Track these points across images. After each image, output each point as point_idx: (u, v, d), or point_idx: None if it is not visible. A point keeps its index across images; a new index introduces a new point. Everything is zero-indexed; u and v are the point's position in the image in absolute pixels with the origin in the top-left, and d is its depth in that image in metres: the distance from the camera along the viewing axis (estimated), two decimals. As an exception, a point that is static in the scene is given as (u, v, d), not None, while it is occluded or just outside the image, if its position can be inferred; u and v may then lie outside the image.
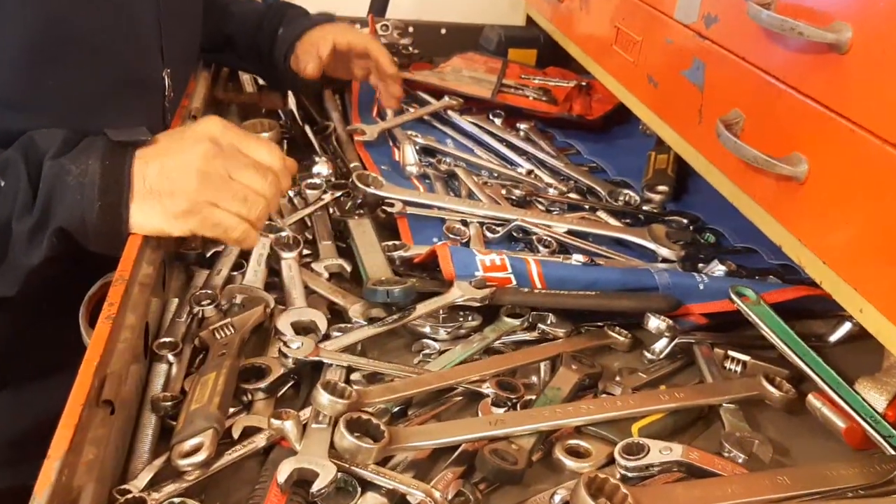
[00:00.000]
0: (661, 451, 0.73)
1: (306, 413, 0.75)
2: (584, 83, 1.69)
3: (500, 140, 1.44)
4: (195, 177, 0.81)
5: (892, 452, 0.76)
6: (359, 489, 0.69)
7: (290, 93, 1.48)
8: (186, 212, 0.82)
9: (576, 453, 0.76)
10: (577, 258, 1.02)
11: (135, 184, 0.80)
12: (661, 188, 1.30)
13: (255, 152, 0.86)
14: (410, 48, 1.81)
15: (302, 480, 0.67)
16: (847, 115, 0.76)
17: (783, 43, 0.85)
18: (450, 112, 1.51)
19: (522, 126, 1.51)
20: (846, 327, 0.97)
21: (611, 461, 0.75)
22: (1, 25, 0.81)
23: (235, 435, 0.73)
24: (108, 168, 0.80)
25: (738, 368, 0.91)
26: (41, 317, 1.01)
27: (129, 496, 0.63)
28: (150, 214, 0.81)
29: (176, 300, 0.91)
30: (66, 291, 0.99)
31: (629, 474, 0.73)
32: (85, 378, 0.64)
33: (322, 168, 1.23)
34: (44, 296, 0.98)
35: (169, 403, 0.74)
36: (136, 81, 0.98)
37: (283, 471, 0.66)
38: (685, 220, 1.22)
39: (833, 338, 0.97)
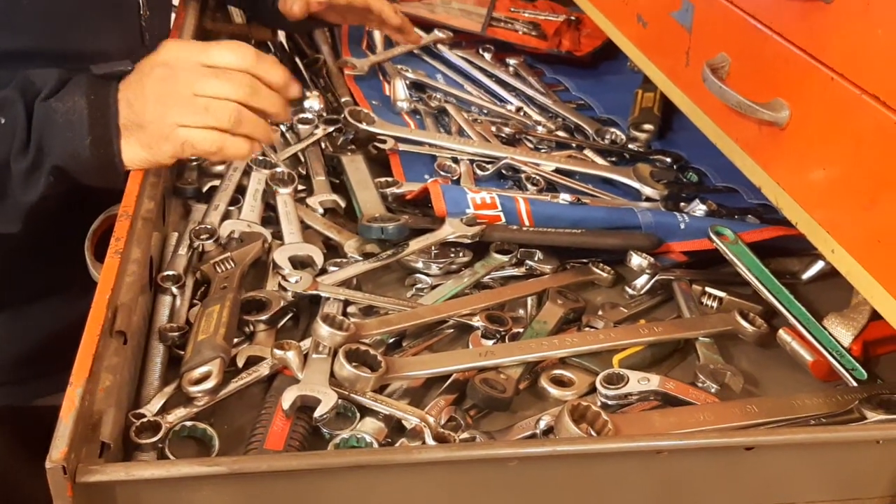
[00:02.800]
0: (640, 381, 0.78)
1: (306, 344, 0.79)
2: (573, 17, 1.70)
3: (490, 76, 1.45)
4: (153, 103, 0.82)
5: (855, 384, 0.82)
6: (357, 415, 0.73)
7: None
8: (158, 139, 0.82)
9: (560, 382, 0.81)
10: (565, 197, 1.05)
11: (120, 117, 0.82)
12: (647, 127, 1.32)
13: (218, 58, 0.83)
14: (400, -22, 1.80)
15: (305, 406, 0.72)
16: (828, 64, 0.79)
17: (770, -11, 0.87)
18: (440, 46, 1.52)
19: (512, 61, 1.52)
20: (819, 266, 1.01)
21: (592, 390, 0.80)
22: None
23: (240, 364, 0.77)
24: (94, 102, 0.81)
25: (715, 304, 0.95)
26: (40, 245, 1.03)
27: (145, 420, 0.67)
28: (133, 147, 0.83)
29: (176, 234, 0.93)
30: (65, 222, 1.02)
31: (609, 402, 0.78)
32: (99, 310, 0.67)
33: (313, 102, 1.24)
34: (44, 227, 1.01)
35: (176, 334, 0.78)
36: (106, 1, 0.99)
37: (288, 398, 0.71)
38: (669, 160, 1.25)
39: (806, 275, 1.02)
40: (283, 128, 1.20)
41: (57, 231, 1.00)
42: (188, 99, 0.81)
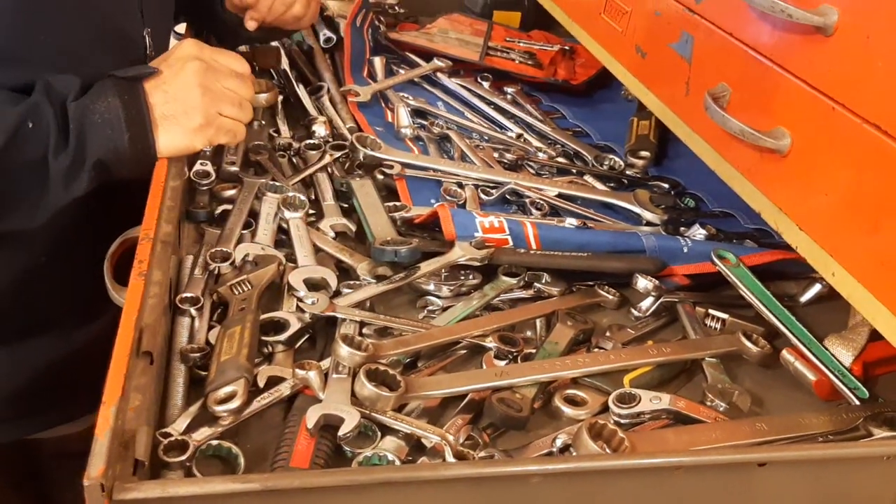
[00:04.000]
0: (651, 400, 0.80)
1: (325, 364, 0.80)
2: (567, 47, 1.74)
3: (489, 103, 1.48)
4: (198, 92, 0.93)
5: (857, 403, 0.84)
6: (378, 433, 0.75)
7: (282, 53, 1.50)
8: (203, 125, 0.93)
9: (573, 402, 0.82)
10: (571, 221, 1.08)
11: (152, 112, 0.91)
12: (644, 153, 1.36)
13: (230, 63, 0.98)
14: (397, 7, 1.84)
15: (327, 425, 0.73)
16: (829, 94, 0.82)
17: (771, 22, 0.90)
18: (439, 74, 1.55)
19: (509, 90, 1.56)
20: (816, 288, 1.04)
21: (605, 409, 0.82)
22: None
23: (261, 384, 0.78)
24: (128, 102, 0.90)
25: (718, 326, 0.98)
26: (42, 280, 1.04)
27: (172, 439, 0.68)
28: (172, 135, 0.92)
29: (190, 257, 0.95)
30: (68, 256, 1.03)
31: (622, 421, 0.80)
32: (126, 331, 0.68)
33: (320, 129, 1.27)
34: (41, 263, 1.03)
35: (197, 355, 0.79)
36: (118, 38, 1.03)
37: (312, 417, 0.72)
38: (666, 185, 1.29)
39: (804, 298, 1.04)
40: (290, 152, 1.22)
41: (64, 262, 1.02)
42: (223, 92, 0.94)
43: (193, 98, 0.92)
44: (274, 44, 1.56)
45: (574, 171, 1.30)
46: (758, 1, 0.88)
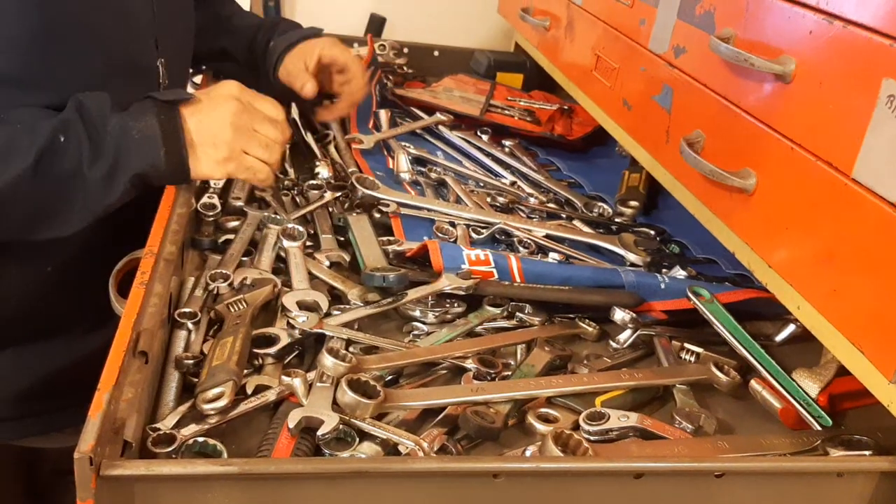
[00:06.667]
0: (620, 419, 0.84)
1: (311, 376, 0.85)
2: (566, 107, 1.82)
3: (487, 154, 1.56)
4: (229, 129, 1.00)
5: (820, 429, 0.87)
6: (357, 439, 0.79)
7: (293, 103, 1.59)
8: (226, 159, 1.00)
9: (545, 419, 0.86)
10: (554, 256, 1.13)
11: (187, 134, 0.98)
12: (633, 203, 1.42)
13: (266, 109, 1.06)
14: (405, 67, 1.94)
15: (308, 428, 0.77)
16: (789, 136, 0.88)
17: (739, 72, 0.97)
18: (440, 127, 1.63)
19: (507, 143, 1.63)
20: (790, 328, 1.08)
21: (576, 427, 0.85)
22: (4, 10, 0.93)
23: (249, 391, 0.83)
24: (164, 122, 0.97)
25: (692, 359, 1.02)
26: (51, 286, 1.10)
27: (161, 432, 0.73)
28: (200, 162, 0.99)
29: (192, 278, 1.01)
30: (78, 268, 1.09)
31: (591, 438, 0.83)
32: (124, 332, 0.74)
33: (323, 171, 1.34)
34: (64, 267, 1.09)
35: (191, 362, 0.84)
36: (131, 67, 1.09)
37: (293, 418, 0.76)
38: (653, 232, 1.34)
39: (779, 338, 1.08)
40: (294, 192, 1.29)
41: (75, 273, 1.08)
42: (252, 133, 1.03)
43: (224, 133, 1.00)
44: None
45: (563, 215, 1.36)
46: (727, 53, 0.95)
